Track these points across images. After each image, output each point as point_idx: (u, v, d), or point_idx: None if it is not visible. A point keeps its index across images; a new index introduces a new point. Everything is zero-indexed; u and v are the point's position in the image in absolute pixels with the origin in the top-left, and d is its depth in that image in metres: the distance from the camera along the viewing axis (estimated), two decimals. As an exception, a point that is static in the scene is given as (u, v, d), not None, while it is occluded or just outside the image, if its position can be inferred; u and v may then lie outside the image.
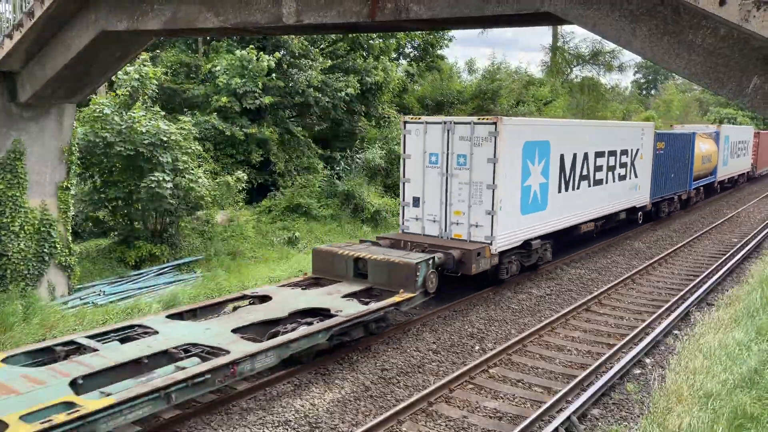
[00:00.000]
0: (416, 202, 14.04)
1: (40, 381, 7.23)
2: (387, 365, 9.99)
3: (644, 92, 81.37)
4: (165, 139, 15.22)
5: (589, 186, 16.99)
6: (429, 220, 13.89)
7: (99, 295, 13.30)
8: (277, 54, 21.52)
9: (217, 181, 17.65)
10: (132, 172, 15.28)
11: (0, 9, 11.86)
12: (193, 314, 10.16)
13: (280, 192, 21.55)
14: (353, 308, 10.22)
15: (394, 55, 30.22)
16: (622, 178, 19.02)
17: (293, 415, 8.29)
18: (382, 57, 26.32)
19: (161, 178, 14.73)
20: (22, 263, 12.26)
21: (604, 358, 10.02)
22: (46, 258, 12.64)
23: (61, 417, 6.34)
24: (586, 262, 17.34)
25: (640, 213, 21.39)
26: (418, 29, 22.83)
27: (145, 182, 14.77)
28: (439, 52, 33.74)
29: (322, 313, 10.02)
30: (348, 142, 24.95)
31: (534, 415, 8.05)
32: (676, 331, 11.69)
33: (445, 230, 13.69)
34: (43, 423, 6.21)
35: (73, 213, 13.66)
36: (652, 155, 21.25)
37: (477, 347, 10.95)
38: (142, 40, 11.89)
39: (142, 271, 15.00)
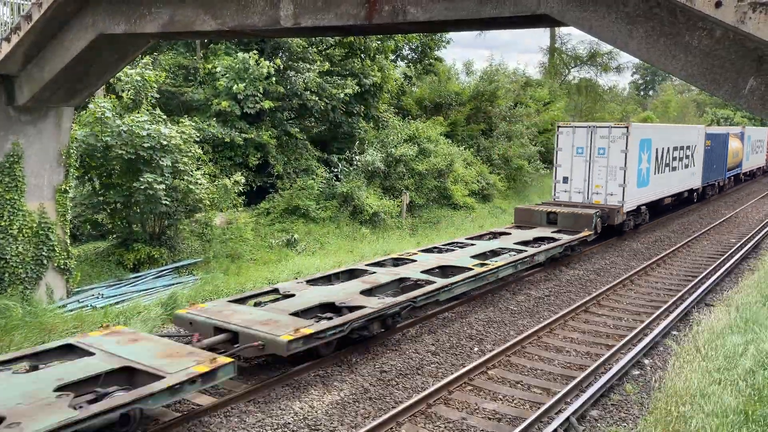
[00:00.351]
0: (565, 180, 20.71)
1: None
2: (386, 367, 10.00)
3: (642, 93, 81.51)
4: (165, 143, 15.23)
5: (669, 171, 23.61)
6: (575, 191, 20.55)
7: (97, 297, 13.30)
8: (278, 61, 21.53)
9: (215, 183, 17.66)
10: (131, 175, 15.28)
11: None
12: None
13: (279, 194, 21.55)
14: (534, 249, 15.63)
15: (392, 57, 30.25)
16: (686, 166, 25.52)
17: (292, 417, 8.29)
18: (378, 56, 26.34)
19: (152, 179, 14.71)
20: (20, 266, 12.26)
21: (602, 359, 10.04)
22: (44, 261, 12.63)
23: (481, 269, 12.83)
24: (585, 264, 17.37)
25: (695, 193, 28.17)
26: (415, 31, 22.86)
27: (137, 184, 14.76)
28: (436, 54, 33.80)
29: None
30: (347, 144, 24.97)
31: (533, 417, 8.06)
32: (674, 332, 11.71)
33: (588, 198, 20.34)
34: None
35: (71, 216, 13.66)
36: (703, 150, 27.55)
37: (476, 349, 10.96)
38: (139, 43, 11.90)
39: (140, 274, 15.00)
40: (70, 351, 8.51)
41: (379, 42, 26.53)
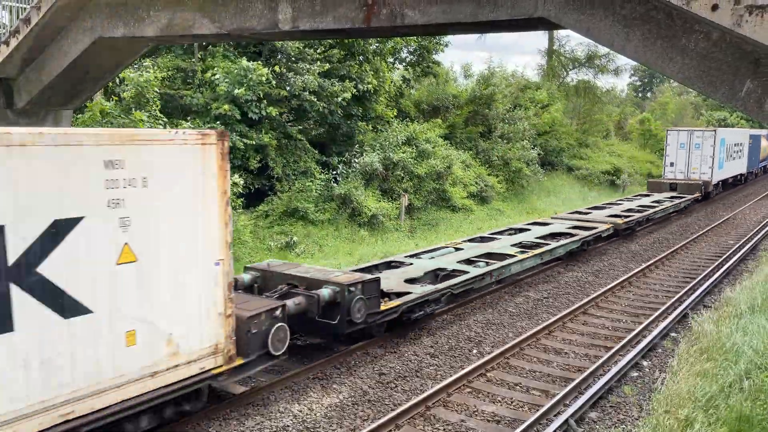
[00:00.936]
0: (671, 165, 31.75)
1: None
2: (385, 369, 10.00)
3: (640, 95, 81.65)
4: None
5: (732, 160, 35.26)
6: (679, 172, 31.57)
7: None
8: (277, 68, 21.54)
9: None
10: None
11: (-4, 16, 11.90)
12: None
13: (278, 196, 21.55)
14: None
15: (390, 60, 30.28)
16: (740, 157, 37.30)
17: (291, 420, 8.30)
18: (374, 59, 26.35)
19: None
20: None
21: (601, 361, 10.05)
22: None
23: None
24: (583, 265, 17.38)
25: (743, 176, 39.40)
26: (413, 35, 22.90)
27: None
28: (434, 57, 33.82)
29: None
30: (346, 146, 24.99)
31: (532, 419, 8.07)
32: (673, 334, 11.73)
33: (687, 176, 31.31)
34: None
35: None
36: (748, 146, 39.10)
37: (474, 351, 10.97)
38: (138, 46, 11.92)
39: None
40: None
41: (377, 45, 26.55)
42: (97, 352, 6.31)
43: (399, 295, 11.01)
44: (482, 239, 17.23)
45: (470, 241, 17.00)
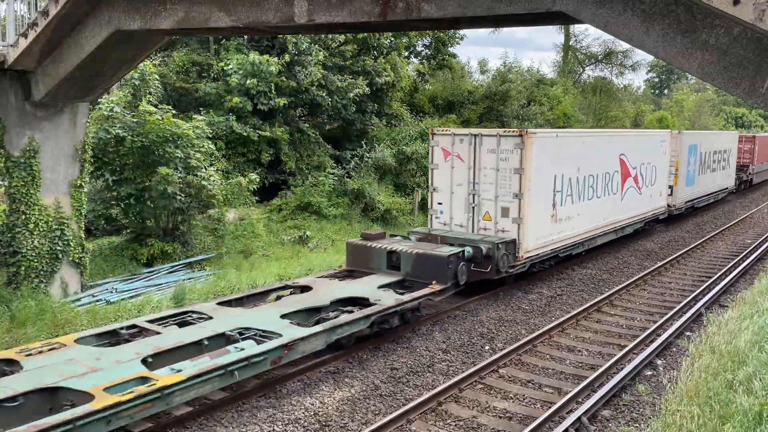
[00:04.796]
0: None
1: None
2: (397, 364, 10.00)
3: (657, 92, 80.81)
4: (177, 132, 15.32)
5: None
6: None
7: (111, 292, 13.40)
8: (286, 56, 21.56)
9: (229, 181, 17.73)
10: (144, 169, 15.39)
11: (15, 8, 11.98)
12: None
13: (291, 190, 21.60)
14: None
15: (405, 54, 30.20)
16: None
17: (303, 413, 8.32)
18: (390, 54, 26.28)
19: (166, 173, 14.82)
20: (36, 261, 12.38)
21: (615, 359, 9.98)
22: (60, 255, 12.75)
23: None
24: (597, 263, 17.26)
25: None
26: (429, 28, 22.81)
27: (154, 180, 14.89)
28: (450, 50, 33.69)
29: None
30: (359, 142, 24.99)
31: (544, 416, 8.03)
32: (688, 333, 11.62)
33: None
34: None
35: (86, 211, 13.78)
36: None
37: (487, 347, 10.93)
38: (154, 39, 11.96)
39: (153, 269, 15.10)
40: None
41: (392, 39, 26.48)
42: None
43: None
44: None
45: None
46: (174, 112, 16.59)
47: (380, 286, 11.64)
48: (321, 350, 9.47)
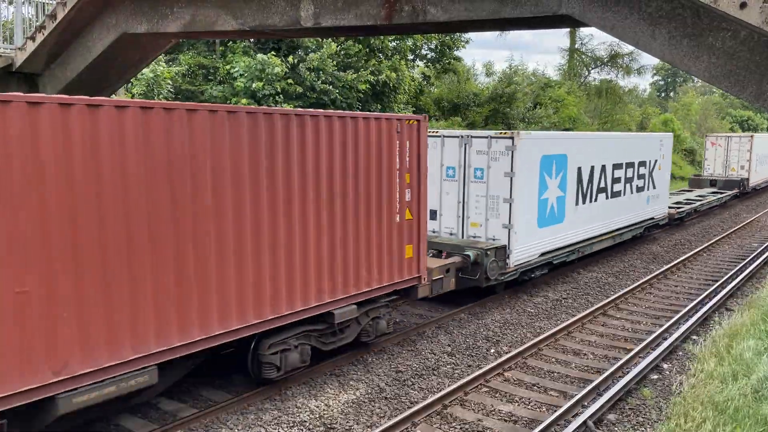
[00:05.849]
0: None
1: None
2: (402, 367, 10.00)
3: (662, 95, 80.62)
4: None
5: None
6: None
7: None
8: (291, 58, 21.61)
9: None
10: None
11: (23, 12, 12.06)
12: None
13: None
14: None
15: (410, 57, 30.22)
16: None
17: (308, 415, 8.33)
18: (394, 57, 26.31)
19: None
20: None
21: (620, 362, 9.95)
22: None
23: None
24: (603, 266, 17.22)
25: None
26: (434, 32, 22.80)
27: None
28: (455, 53, 33.72)
29: None
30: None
31: (549, 419, 8.01)
32: (694, 337, 11.58)
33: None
34: None
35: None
36: None
37: (492, 350, 10.92)
38: (161, 43, 12.03)
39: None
40: None
41: (396, 42, 26.51)
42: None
43: None
44: None
45: None
46: None
47: None
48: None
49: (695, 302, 13.47)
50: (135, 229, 6.51)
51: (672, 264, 17.14)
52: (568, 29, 42.50)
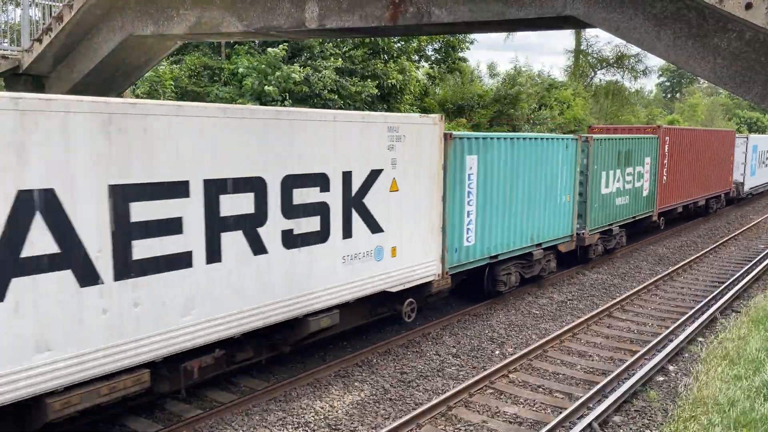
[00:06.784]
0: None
1: None
2: (406, 368, 10.00)
3: (668, 95, 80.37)
4: None
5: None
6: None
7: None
8: (307, 68, 21.63)
9: None
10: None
11: (29, 14, 12.13)
12: None
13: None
14: None
15: (415, 57, 30.22)
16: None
17: (313, 416, 8.34)
18: (399, 59, 26.32)
19: None
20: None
21: (626, 364, 9.91)
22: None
23: None
24: (609, 267, 17.17)
25: None
26: (439, 33, 22.83)
27: None
28: (460, 54, 33.71)
29: None
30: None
31: (554, 421, 7.99)
32: (700, 339, 11.53)
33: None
34: None
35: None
36: None
37: (497, 352, 10.90)
38: (167, 44, 12.08)
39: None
40: None
41: (401, 43, 26.52)
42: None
43: None
44: None
45: None
46: None
47: None
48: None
49: (701, 304, 13.42)
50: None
51: (678, 266, 17.08)
52: (573, 30, 42.46)
